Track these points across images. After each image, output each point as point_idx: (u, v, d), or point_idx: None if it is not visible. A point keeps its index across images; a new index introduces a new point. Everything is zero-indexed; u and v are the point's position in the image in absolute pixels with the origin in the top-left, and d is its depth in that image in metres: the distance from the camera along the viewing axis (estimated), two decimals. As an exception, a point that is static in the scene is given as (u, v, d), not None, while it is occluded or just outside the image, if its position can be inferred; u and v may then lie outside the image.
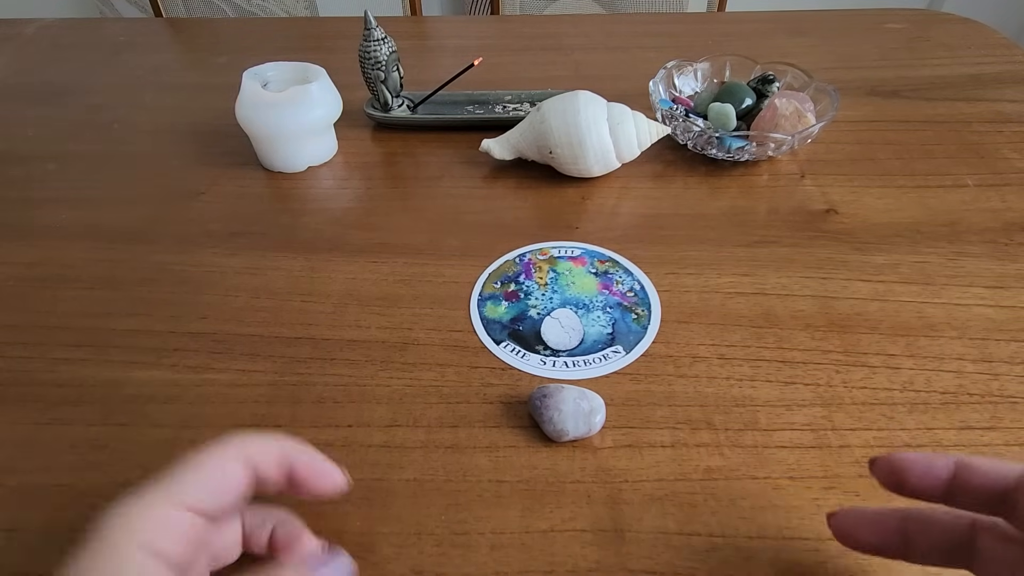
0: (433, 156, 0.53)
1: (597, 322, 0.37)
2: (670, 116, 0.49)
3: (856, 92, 0.59)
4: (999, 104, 0.57)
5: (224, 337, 0.37)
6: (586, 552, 0.27)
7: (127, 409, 0.33)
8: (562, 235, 0.44)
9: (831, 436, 0.31)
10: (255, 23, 0.83)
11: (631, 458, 0.30)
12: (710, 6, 1.10)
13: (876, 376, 0.33)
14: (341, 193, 0.49)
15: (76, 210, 0.48)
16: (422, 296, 0.39)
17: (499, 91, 0.58)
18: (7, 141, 0.57)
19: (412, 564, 0.27)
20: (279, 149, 0.50)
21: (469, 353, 0.36)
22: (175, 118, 0.59)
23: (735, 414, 0.32)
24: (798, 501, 0.28)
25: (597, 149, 0.46)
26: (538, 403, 0.31)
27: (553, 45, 0.72)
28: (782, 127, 0.47)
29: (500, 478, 0.30)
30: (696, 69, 0.56)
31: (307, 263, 0.42)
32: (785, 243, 0.42)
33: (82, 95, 0.64)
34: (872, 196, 0.46)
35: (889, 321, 0.37)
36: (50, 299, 0.40)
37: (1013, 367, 0.34)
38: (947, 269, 0.40)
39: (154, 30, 0.80)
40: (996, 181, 0.47)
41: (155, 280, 0.41)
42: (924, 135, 0.53)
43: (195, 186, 0.50)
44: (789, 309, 0.37)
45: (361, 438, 0.31)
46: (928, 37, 0.70)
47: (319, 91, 0.49)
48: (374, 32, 0.52)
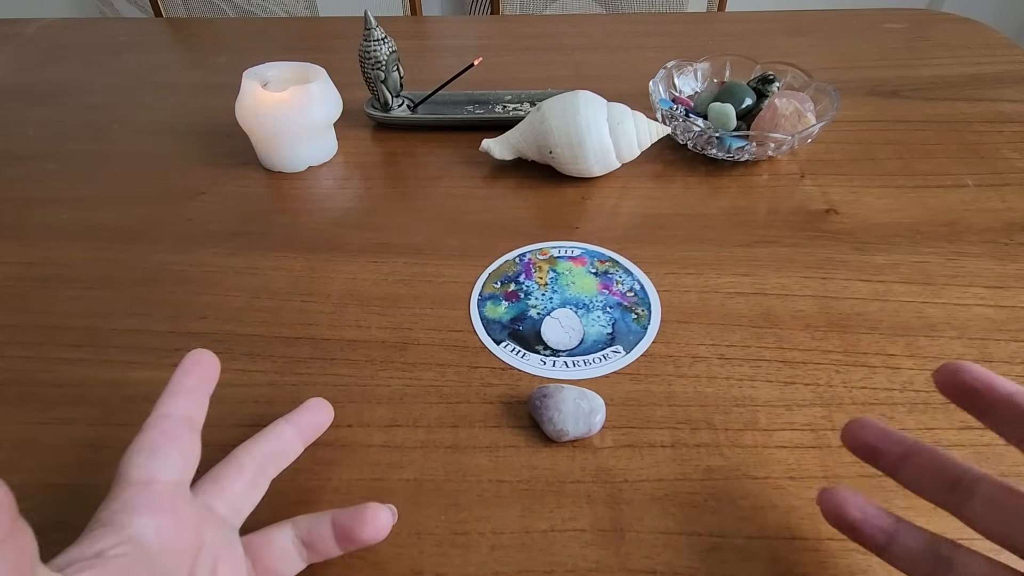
0: (433, 156, 0.53)
1: (597, 322, 0.37)
2: (670, 116, 0.49)
3: (856, 92, 0.59)
4: (999, 104, 0.57)
5: (224, 337, 0.37)
6: (586, 552, 0.27)
7: (127, 409, 0.33)
8: (562, 235, 0.44)
9: (831, 436, 0.31)
10: (255, 23, 0.83)
11: (631, 458, 0.30)
12: (710, 6, 1.10)
13: (876, 376, 0.33)
14: (341, 193, 0.49)
15: (75, 210, 0.48)
16: (422, 296, 0.39)
17: (499, 91, 0.58)
18: (7, 141, 0.57)
19: (412, 564, 0.27)
20: (279, 149, 0.50)
21: (469, 353, 0.36)
22: (175, 118, 0.59)
23: (735, 414, 0.32)
24: (798, 501, 0.28)
25: (597, 149, 0.46)
26: (538, 403, 0.31)
27: (553, 45, 0.72)
28: (782, 127, 0.47)
29: (500, 478, 0.30)
30: (696, 69, 0.56)
31: (307, 263, 0.42)
32: (785, 243, 0.42)
33: (82, 95, 0.64)
34: (872, 196, 0.46)
35: (889, 321, 0.36)
36: (49, 299, 0.40)
37: (1013, 367, 0.34)
38: (947, 269, 0.40)
39: (154, 30, 0.80)
40: (996, 181, 0.47)
41: (155, 280, 0.41)
42: (924, 135, 0.53)
43: (195, 186, 0.50)
44: (789, 309, 0.37)
45: (361, 438, 0.31)
46: (928, 37, 0.70)
47: (319, 91, 0.49)
48: (374, 32, 0.52)
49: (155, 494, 0.21)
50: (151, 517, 0.21)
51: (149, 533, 0.20)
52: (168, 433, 0.23)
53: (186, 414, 0.24)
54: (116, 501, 0.21)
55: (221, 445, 0.31)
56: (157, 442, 0.22)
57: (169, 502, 0.21)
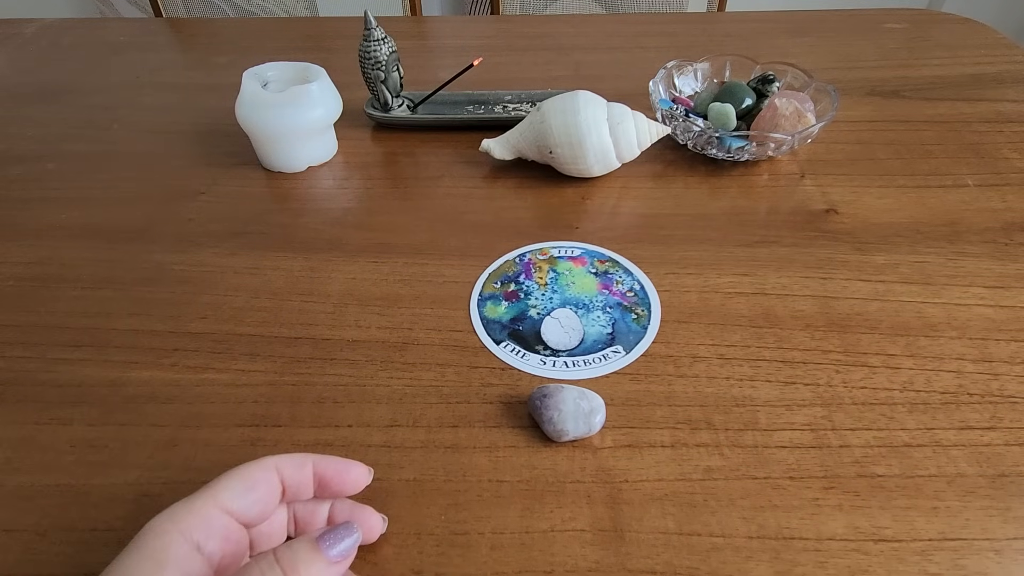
0: (433, 156, 0.53)
1: (597, 322, 0.37)
2: (670, 116, 0.49)
3: (856, 92, 0.59)
4: (999, 104, 0.57)
5: (224, 337, 0.37)
6: (586, 552, 0.27)
7: (127, 409, 0.33)
8: (562, 235, 0.44)
9: (831, 436, 0.31)
10: (255, 23, 0.83)
11: (631, 458, 0.30)
12: (710, 6, 1.10)
13: (876, 376, 0.33)
14: (341, 193, 0.49)
15: (76, 210, 0.48)
16: (422, 296, 0.39)
17: (499, 91, 0.58)
18: (7, 141, 0.57)
19: (412, 564, 0.27)
20: (279, 149, 0.50)
21: (469, 353, 0.36)
22: (175, 118, 0.59)
23: (735, 414, 0.32)
24: (798, 501, 0.28)
25: (597, 149, 0.46)
26: (538, 403, 0.31)
27: (553, 45, 0.72)
28: (782, 127, 0.47)
29: (500, 478, 0.30)
30: (696, 69, 0.55)
31: (307, 263, 0.42)
32: (785, 243, 0.42)
33: (82, 95, 0.64)
34: (872, 196, 0.46)
35: (889, 321, 0.36)
36: (50, 299, 0.40)
37: (1013, 367, 0.34)
38: (947, 269, 0.40)
39: (154, 30, 0.80)
40: (996, 181, 0.47)
41: (155, 280, 0.41)
42: (924, 135, 0.53)
43: (195, 186, 0.50)
44: (789, 309, 0.37)
45: (361, 438, 0.31)
46: (928, 37, 0.70)
47: (319, 91, 0.49)
48: (374, 32, 0.52)
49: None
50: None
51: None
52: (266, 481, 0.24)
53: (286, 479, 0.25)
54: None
55: (221, 445, 0.31)
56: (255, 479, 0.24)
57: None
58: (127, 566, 0.20)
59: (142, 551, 0.21)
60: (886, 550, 0.26)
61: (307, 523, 0.26)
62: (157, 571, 0.20)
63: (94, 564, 0.26)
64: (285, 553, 0.21)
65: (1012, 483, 0.29)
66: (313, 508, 0.26)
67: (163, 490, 0.29)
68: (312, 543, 0.22)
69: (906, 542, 0.27)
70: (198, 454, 0.31)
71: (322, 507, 0.27)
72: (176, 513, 0.22)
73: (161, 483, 0.30)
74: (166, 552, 0.21)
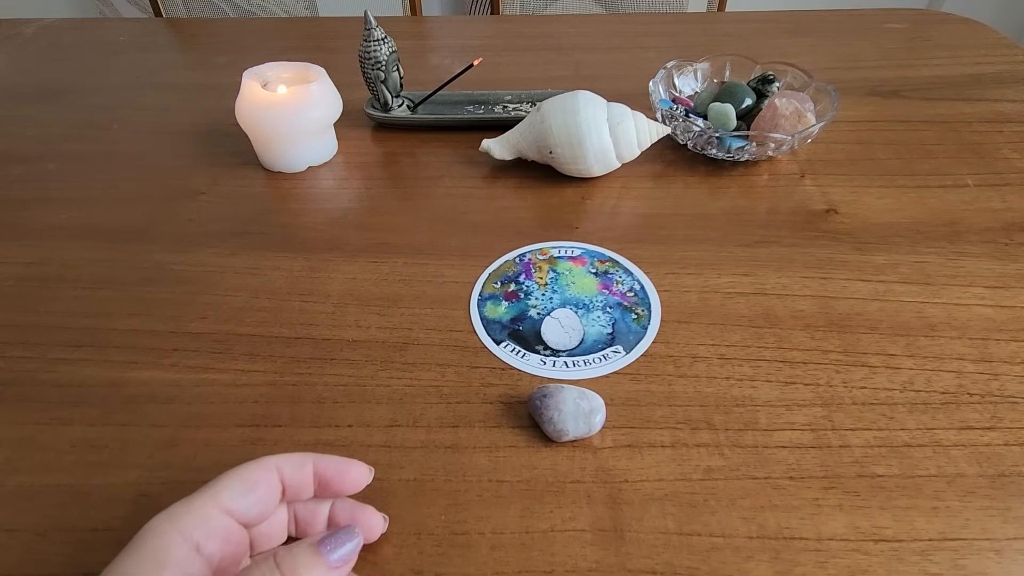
0: (433, 156, 0.53)
1: (597, 322, 0.37)
2: (670, 116, 0.49)
3: (856, 92, 0.59)
4: (999, 104, 0.57)
5: (224, 337, 0.37)
6: (586, 552, 0.27)
7: (127, 409, 0.33)
8: (562, 235, 0.44)
9: (831, 436, 0.31)
10: (255, 23, 0.83)
11: (631, 458, 0.30)
12: (710, 6, 1.10)
13: (876, 376, 0.33)
14: (341, 193, 0.49)
15: (76, 210, 0.48)
16: (422, 296, 0.39)
17: (499, 91, 0.58)
18: (7, 141, 0.57)
19: (412, 564, 0.27)
20: (279, 149, 0.50)
21: (469, 353, 0.36)
22: (175, 118, 0.59)
23: (735, 414, 0.32)
24: (798, 501, 0.28)
25: (597, 149, 0.46)
26: (538, 403, 0.31)
27: (553, 45, 0.72)
28: (782, 127, 0.47)
29: (500, 478, 0.30)
30: (696, 69, 0.56)
31: (307, 263, 0.42)
32: (785, 243, 0.42)
33: (82, 95, 0.64)
34: (872, 196, 0.46)
35: (889, 321, 0.36)
36: (50, 299, 0.40)
37: (1013, 367, 0.34)
38: (947, 269, 0.40)
39: (154, 30, 0.80)
40: (996, 181, 0.47)
41: (155, 280, 0.41)
42: (924, 135, 0.53)
43: (195, 186, 0.50)
44: (789, 309, 0.37)
45: (361, 438, 0.31)
46: (928, 37, 0.70)
47: (319, 91, 0.49)
48: (374, 32, 0.52)
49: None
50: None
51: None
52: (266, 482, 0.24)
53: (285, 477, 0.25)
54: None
55: (221, 445, 0.31)
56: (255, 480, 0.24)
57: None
58: (126, 566, 0.20)
59: (141, 551, 0.21)
60: (886, 550, 0.26)
61: (307, 523, 0.26)
62: (156, 571, 0.20)
63: (94, 564, 0.26)
64: (285, 557, 0.21)
65: (1012, 483, 0.29)
66: (313, 508, 0.26)
67: (163, 490, 0.29)
68: (313, 547, 0.22)
69: (906, 542, 0.27)
70: (198, 454, 0.31)
71: (323, 507, 0.27)
72: (176, 513, 0.22)
73: (161, 483, 0.30)
74: (166, 552, 0.21)
